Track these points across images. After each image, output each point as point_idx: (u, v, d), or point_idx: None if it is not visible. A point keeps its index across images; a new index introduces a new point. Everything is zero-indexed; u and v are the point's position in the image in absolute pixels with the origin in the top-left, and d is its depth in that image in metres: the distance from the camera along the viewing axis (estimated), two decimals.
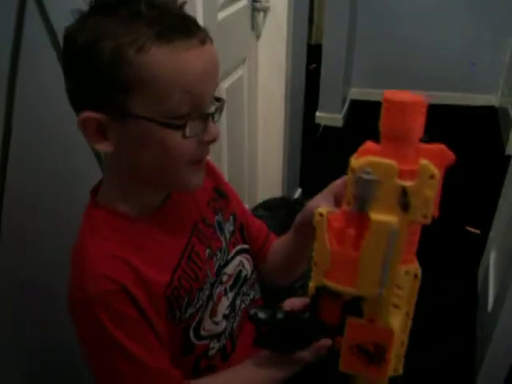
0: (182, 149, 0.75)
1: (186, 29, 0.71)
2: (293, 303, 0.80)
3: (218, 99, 0.80)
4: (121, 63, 0.68)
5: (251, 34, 2.08)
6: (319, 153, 3.61)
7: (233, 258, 0.97)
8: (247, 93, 2.13)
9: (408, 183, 0.61)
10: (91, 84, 0.72)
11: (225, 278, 0.94)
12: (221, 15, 1.70)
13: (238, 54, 1.98)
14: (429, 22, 4.05)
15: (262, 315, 0.80)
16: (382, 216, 0.63)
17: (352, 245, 0.66)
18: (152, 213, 0.84)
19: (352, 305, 0.70)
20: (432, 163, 0.60)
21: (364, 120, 4.22)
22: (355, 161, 0.63)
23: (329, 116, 3.98)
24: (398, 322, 0.68)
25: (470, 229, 2.83)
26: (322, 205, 0.75)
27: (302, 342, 0.79)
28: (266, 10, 2.06)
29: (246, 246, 1.01)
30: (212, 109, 0.78)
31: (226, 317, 0.94)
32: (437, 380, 2.04)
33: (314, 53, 3.98)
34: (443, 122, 3.47)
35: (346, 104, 4.18)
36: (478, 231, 2.78)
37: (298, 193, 2.86)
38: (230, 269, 0.96)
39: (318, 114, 4.02)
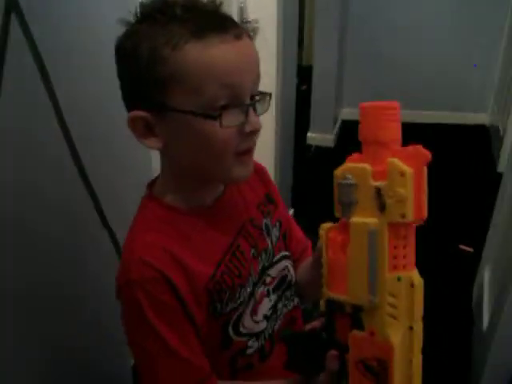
0: (223, 138, 0.77)
1: (220, 25, 0.75)
2: (314, 325, 0.83)
3: (264, 93, 0.83)
4: (157, 61, 0.73)
5: None
6: (311, 173, 3.60)
7: (278, 261, 0.98)
8: None
9: (380, 183, 0.64)
10: (135, 84, 0.78)
11: (268, 279, 0.95)
12: None
13: None
14: (419, 42, 4.11)
15: (285, 334, 0.82)
16: (361, 218, 0.65)
17: (342, 251, 0.68)
18: (203, 208, 0.88)
19: (353, 316, 0.69)
20: (406, 162, 0.62)
21: (356, 140, 4.27)
22: (336, 169, 0.68)
23: (320, 136, 4.00)
24: (397, 335, 0.66)
25: (463, 247, 2.82)
26: None
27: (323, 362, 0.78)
28: (255, 31, 2.07)
29: (288, 254, 1.03)
30: (250, 100, 0.79)
31: (266, 317, 0.94)
32: None
33: (304, 74, 4.02)
34: (435, 141, 3.47)
35: (338, 124, 4.19)
36: (471, 250, 2.78)
37: (290, 213, 2.84)
38: (274, 271, 0.97)
39: (309, 134, 4.03)
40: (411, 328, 0.67)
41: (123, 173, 1.40)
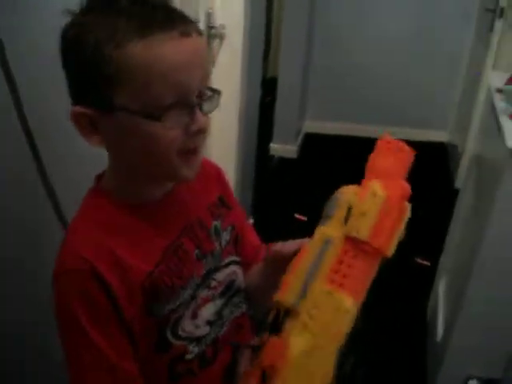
0: (167, 139, 0.76)
1: (167, 22, 0.73)
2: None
3: (213, 90, 0.81)
4: (100, 59, 0.72)
5: None
6: (273, 183, 3.61)
7: (226, 265, 0.96)
8: None
9: (354, 199, 0.67)
10: (80, 78, 0.76)
11: (213, 283, 0.92)
12: None
13: None
14: (385, 58, 4.15)
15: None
16: (326, 228, 0.68)
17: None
18: (149, 204, 0.86)
19: (275, 318, 0.68)
20: (389, 191, 0.67)
21: (318, 152, 4.33)
22: None
23: (283, 147, 4.01)
24: (300, 344, 0.65)
25: (420, 261, 2.86)
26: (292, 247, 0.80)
27: None
28: (221, 37, 2.06)
29: (238, 259, 1.00)
30: (197, 99, 0.78)
31: (210, 323, 0.91)
32: None
33: (269, 86, 4.04)
34: None
35: (301, 136, 4.22)
36: (428, 263, 2.82)
37: (250, 222, 2.84)
38: (221, 275, 0.94)
39: (272, 145, 4.04)
40: (322, 348, 0.66)
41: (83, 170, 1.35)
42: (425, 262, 2.84)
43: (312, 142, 4.23)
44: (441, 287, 2.26)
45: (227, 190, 1.02)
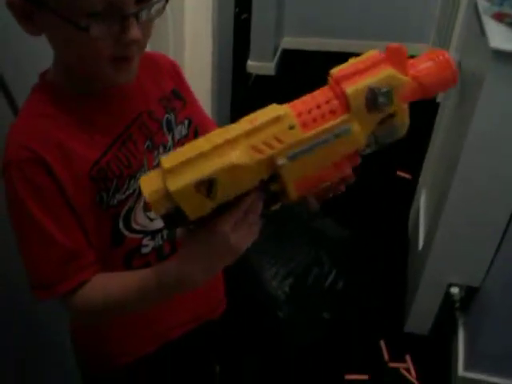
0: (93, 48, 0.74)
1: None
2: None
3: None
4: None
5: None
6: (251, 100, 3.55)
7: None
8: (172, 40, 2.03)
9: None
10: None
11: None
12: None
13: None
14: None
15: None
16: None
17: None
18: (95, 94, 0.85)
19: None
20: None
21: (296, 68, 4.24)
22: None
23: (260, 65, 3.92)
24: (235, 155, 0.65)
25: (401, 174, 2.88)
26: None
27: None
28: None
29: None
30: (135, 9, 0.74)
31: None
32: (371, 320, 2.10)
33: (246, 3, 3.89)
34: None
35: (278, 53, 4.11)
36: (409, 176, 2.84)
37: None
38: None
39: (249, 62, 3.94)
40: None
41: None
42: (406, 175, 2.86)
43: (290, 58, 4.12)
44: (422, 199, 2.28)
45: (183, 84, 1.01)
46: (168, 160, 0.66)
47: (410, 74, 0.69)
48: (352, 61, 0.69)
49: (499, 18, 1.48)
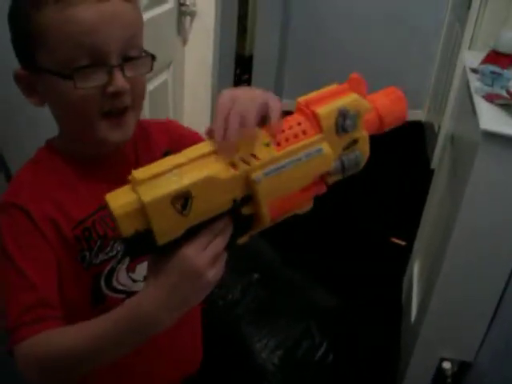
0: (79, 98, 0.77)
1: None
2: None
3: (145, 53, 0.83)
4: (22, 20, 0.77)
5: (177, 38, 2.02)
6: None
7: None
8: (172, 98, 2.06)
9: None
10: (14, 40, 0.81)
11: None
12: (144, 17, 1.63)
13: (162, 57, 1.92)
14: (362, 34, 4.11)
15: None
16: None
17: None
18: (92, 162, 0.88)
19: None
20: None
21: None
22: None
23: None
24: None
25: (395, 241, 2.86)
26: None
27: None
28: (192, 15, 2.01)
29: None
30: (119, 61, 0.78)
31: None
32: None
33: (247, 64, 3.97)
34: (370, 136, 3.52)
35: None
36: (403, 243, 2.82)
37: None
38: None
39: None
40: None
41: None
42: (400, 242, 2.84)
43: None
44: (415, 268, 2.25)
45: (181, 140, 0.98)
46: (141, 172, 0.63)
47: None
48: (316, 91, 0.72)
49: (490, 98, 1.51)
